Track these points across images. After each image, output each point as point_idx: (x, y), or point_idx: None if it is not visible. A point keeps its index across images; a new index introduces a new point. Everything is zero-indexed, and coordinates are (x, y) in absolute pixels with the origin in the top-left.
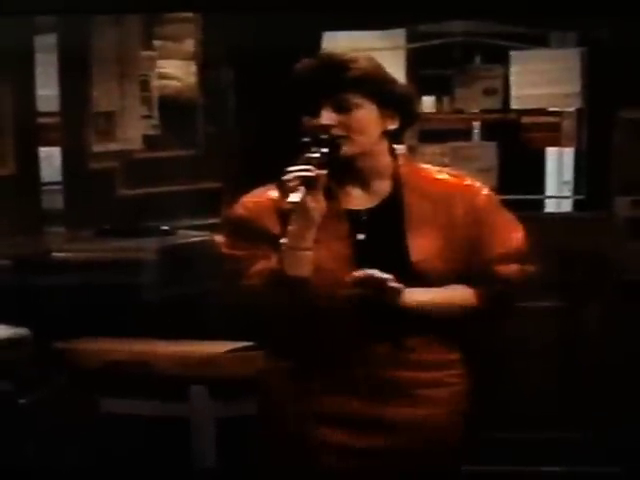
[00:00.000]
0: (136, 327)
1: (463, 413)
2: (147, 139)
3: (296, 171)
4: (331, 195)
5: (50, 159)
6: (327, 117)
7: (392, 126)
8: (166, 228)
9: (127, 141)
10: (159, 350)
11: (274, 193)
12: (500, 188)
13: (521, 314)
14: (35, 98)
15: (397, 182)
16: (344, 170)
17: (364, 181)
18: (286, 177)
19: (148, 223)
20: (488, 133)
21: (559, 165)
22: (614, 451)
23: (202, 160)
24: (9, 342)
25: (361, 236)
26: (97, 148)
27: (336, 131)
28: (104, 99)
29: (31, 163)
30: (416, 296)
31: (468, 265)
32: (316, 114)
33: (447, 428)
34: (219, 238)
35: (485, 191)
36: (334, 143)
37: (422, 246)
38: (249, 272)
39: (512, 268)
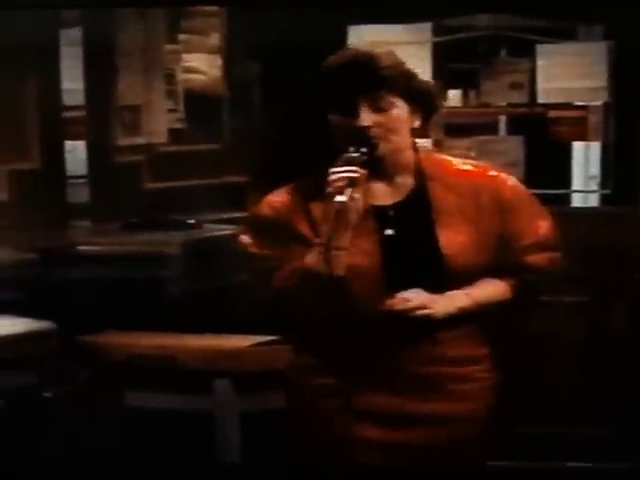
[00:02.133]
0: (161, 321)
1: (491, 408)
2: (172, 133)
3: (342, 172)
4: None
5: (75, 153)
6: (366, 118)
7: (417, 122)
8: (192, 221)
9: (152, 135)
10: (183, 344)
11: (299, 191)
12: (526, 182)
13: (547, 309)
14: (60, 92)
15: (421, 176)
16: (371, 167)
17: (389, 176)
18: (332, 177)
19: (174, 216)
20: (514, 127)
21: (586, 159)
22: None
23: (227, 154)
24: (34, 335)
25: (389, 231)
26: (122, 142)
27: (374, 131)
28: (129, 93)
29: (57, 157)
30: (450, 305)
31: (498, 256)
32: (352, 114)
33: (477, 423)
34: (244, 238)
35: (510, 181)
36: (372, 143)
37: (452, 239)
38: (280, 272)
39: (542, 257)
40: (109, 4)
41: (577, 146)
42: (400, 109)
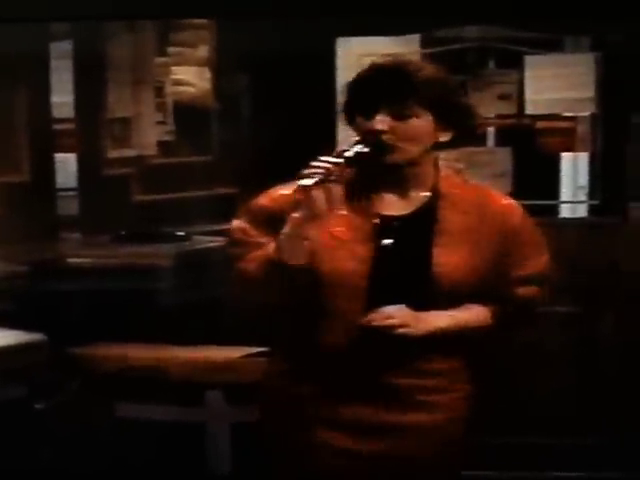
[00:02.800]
0: (151, 332)
1: (466, 419)
2: (162, 145)
3: (323, 161)
4: (365, 198)
5: (65, 165)
6: (381, 121)
7: (444, 138)
8: (181, 234)
9: (142, 147)
10: (174, 355)
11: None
12: (515, 193)
13: (536, 319)
14: (50, 104)
15: (435, 193)
16: (386, 176)
17: (403, 189)
18: (312, 163)
19: (163, 229)
20: (503, 138)
21: (574, 170)
22: (629, 456)
23: (217, 166)
24: (25, 347)
25: (387, 241)
26: (112, 154)
27: (387, 137)
28: (119, 105)
29: (47, 169)
30: (430, 324)
31: (489, 283)
32: (370, 116)
33: (450, 434)
34: (236, 222)
35: (521, 212)
36: (383, 147)
37: (447, 258)
38: (248, 256)
39: (532, 290)
40: (99, 17)
41: (565, 157)
42: (422, 120)
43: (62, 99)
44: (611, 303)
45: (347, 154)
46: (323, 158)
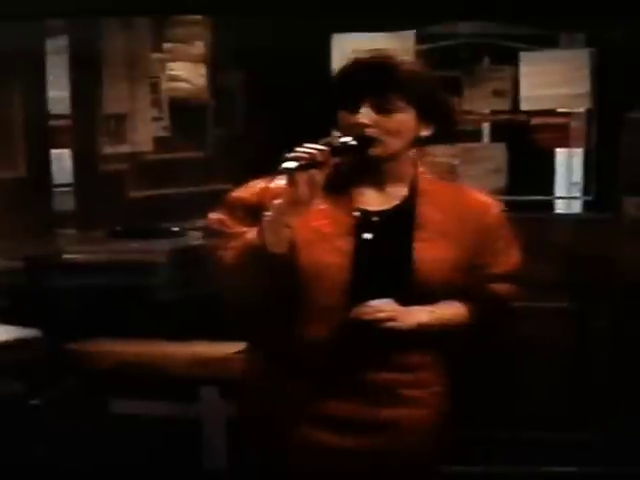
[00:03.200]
0: (147, 328)
1: (444, 413)
2: (157, 141)
3: (309, 147)
4: (345, 193)
5: (61, 161)
6: (366, 115)
7: (425, 134)
8: (177, 230)
9: (137, 143)
10: (170, 351)
11: (279, 181)
12: (510, 189)
13: (530, 314)
14: (46, 100)
15: (413, 190)
16: (367, 169)
17: (382, 184)
18: (297, 148)
19: (159, 225)
20: (497, 134)
21: (568, 166)
22: (625, 452)
23: (212, 162)
24: (21, 343)
25: (368, 235)
26: (107, 150)
27: (371, 131)
28: (114, 101)
29: (42, 165)
30: (414, 318)
31: (466, 279)
32: (355, 111)
33: (430, 428)
34: (214, 214)
35: (498, 209)
36: (367, 139)
37: (427, 255)
38: (227, 245)
39: (506, 288)
40: (94, 13)
41: (560, 153)
42: (405, 115)
43: (58, 95)
44: (606, 298)
45: (334, 143)
46: (308, 144)
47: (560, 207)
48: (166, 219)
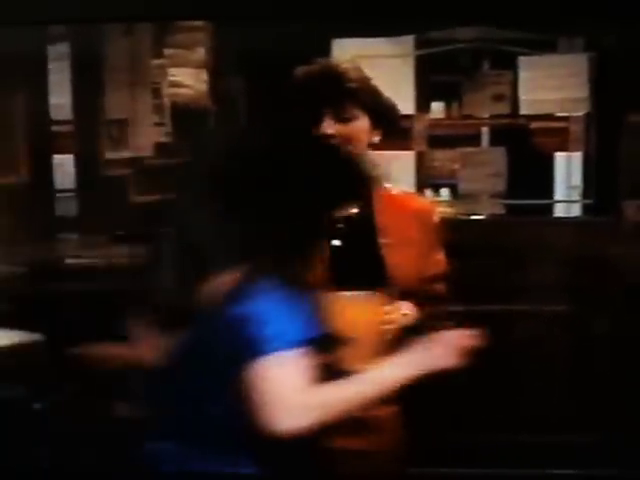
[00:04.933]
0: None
1: (402, 411)
2: (159, 146)
3: None
4: None
5: (64, 166)
6: (330, 126)
7: (376, 138)
8: None
9: (139, 148)
10: None
11: None
12: (509, 193)
13: (529, 318)
14: (48, 106)
15: (367, 195)
16: None
17: None
18: None
19: (161, 229)
20: (497, 138)
21: (568, 169)
22: (623, 454)
23: None
24: (23, 348)
25: (337, 242)
26: (110, 155)
27: (335, 141)
28: (116, 107)
29: (45, 170)
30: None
31: (416, 279)
32: (317, 123)
33: (395, 426)
34: None
35: (436, 211)
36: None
37: (395, 258)
38: None
39: (444, 287)
40: (96, 20)
41: (559, 156)
42: (362, 122)
43: (60, 101)
44: (605, 301)
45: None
46: None
47: (560, 211)
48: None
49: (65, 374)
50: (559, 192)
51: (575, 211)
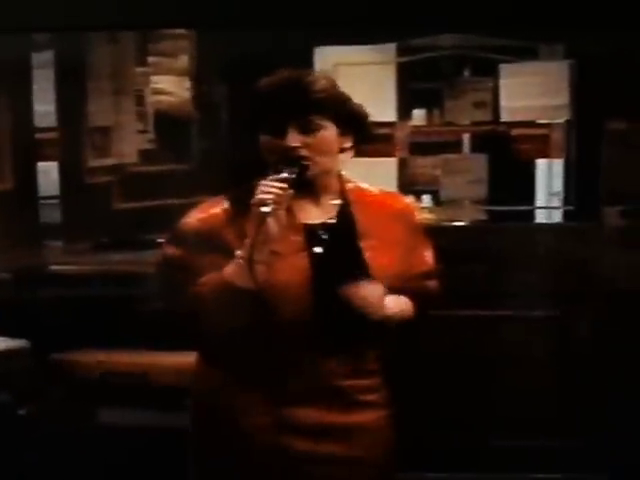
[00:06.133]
0: (133, 338)
1: (393, 416)
2: (142, 154)
3: (269, 185)
4: (288, 209)
5: (48, 174)
6: (294, 139)
7: (347, 144)
8: (162, 241)
9: (123, 156)
10: (156, 361)
11: (228, 204)
12: (491, 199)
13: (512, 323)
14: (32, 114)
15: (345, 200)
16: (302, 186)
17: (316, 196)
18: (260, 189)
19: (144, 236)
20: (478, 145)
21: (549, 176)
22: (606, 458)
23: (197, 174)
24: (8, 353)
25: (319, 249)
26: (93, 163)
27: (302, 152)
28: (100, 114)
29: (29, 178)
30: (389, 307)
31: (402, 278)
32: (281, 135)
33: (385, 431)
34: (168, 248)
35: (416, 209)
36: (302, 165)
37: (378, 260)
38: (199, 283)
39: (435, 283)
40: (80, 28)
41: (540, 163)
42: (329, 131)
43: (44, 108)
44: (587, 307)
45: (289, 177)
46: (271, 183)
47: (541, 217)
48: (151, 231)
49: (50, 380)
50: (540, 198)
51: (556, 217)
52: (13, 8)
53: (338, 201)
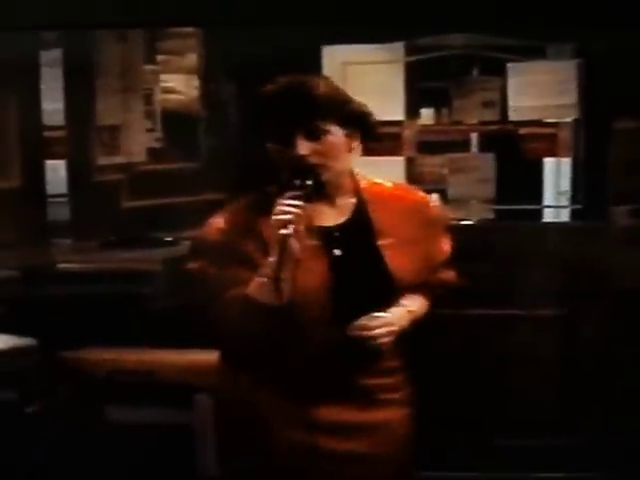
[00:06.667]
0: (140, 337)
1: (413, 415)
2: (151, 152)
3: (287, 205)
4: (304, 214)
5: (56, 172)
6: (303, 147)
7: (354, 144)
8: (170, 239)
9: (131, 154)
10: (163, 359)
11: (245, 211)
12: (498, 198)
13: (519, 322)
14: (41, 112)
15: (360, 199)
16: (316, 189)
17: (331, 198)
18: (278, 210)
19: (152, 234)
20: (486, 144)
21: (556, 175)
22: (610, 457)
23: (205, 172)
24: (15, 352)
25: (337, 252)
26: (102, 161)
27: (312, 159)
28: (108, 113)
29: (37, 176)
30: (400, 321)
31: (423, 273)
32: (289, 144)
33: (405, 429)
34: (191, 263)
35: (433, 202)
36: (315, 173)
37: (397, 258)
38: (225, 296)
39: (452, 274)
40: (88, 26)
41: (548, 162)
42: (335, 135)
43: (52, 107)
44: (595, 306)
45: (300, 190)
46: (288, 202)
47: (548, 216)
48: (160, 229)
49: (58, 378)
50: (548, 197)
51: (564, 216)
52: (21, 6)
53: (353, 200)
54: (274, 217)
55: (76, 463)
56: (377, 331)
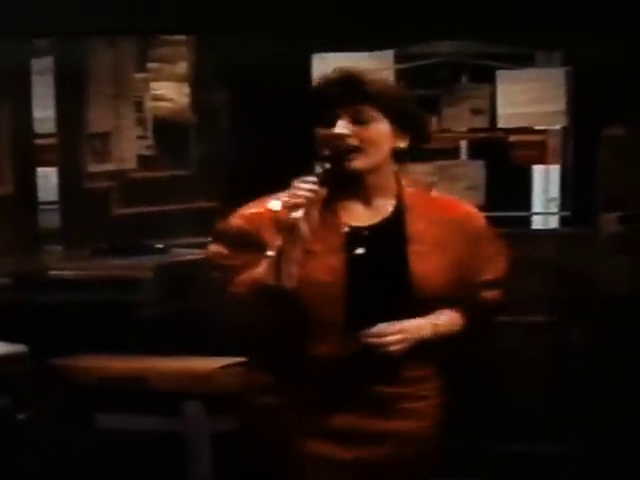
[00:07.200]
0: (132, 344)
1: (439, 425)
2: (142, 159)
3: (301, 188)
4: (331, 209)
5: (47, 179)
6: (343, 126)
7: (401, 144)
8: (161, 246)
9: (122, 161)
10: (154, 366)
11: (273, 205)
12: (487, 205)
13: (508, 328)
14: (32, 119)
15: (400, 203)
16: (350, 184)
17: (368, 198)
18: (291, 192)
19: (143, 242)
20: (475, 151)
21: (545, 182)
22: (598, 464)
23: (196, 180)
24: (7, 358)
25: (359, 251)
26: (92, 168)
27: (351, 141)
28: (99, 120)
29: (28, 183)
30: (420, 332)
31: (457, 288)
32: (332, 124)
33: (428, 440)
34: (213, 247)
35: (482, 218)
36: (343, 156)
37: (423, 267)
38: (235, 280)
39: (496, 294)
40: (79, 33)
41: (537, 169)
42: (381, 125)
43: (43, 114)
44: (584, 313)
45: (320, 174)
46: (302, 185)
47: (538, 223)
48: (150, 236)
49: (49, 385)
50: (537, 204)
51: (553, 223)
52: (13, 14)
53: (392, 203)
54: (285, 199)
55: (68, 470)
56: (389, 338)
